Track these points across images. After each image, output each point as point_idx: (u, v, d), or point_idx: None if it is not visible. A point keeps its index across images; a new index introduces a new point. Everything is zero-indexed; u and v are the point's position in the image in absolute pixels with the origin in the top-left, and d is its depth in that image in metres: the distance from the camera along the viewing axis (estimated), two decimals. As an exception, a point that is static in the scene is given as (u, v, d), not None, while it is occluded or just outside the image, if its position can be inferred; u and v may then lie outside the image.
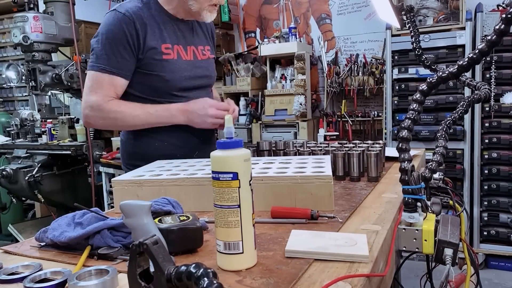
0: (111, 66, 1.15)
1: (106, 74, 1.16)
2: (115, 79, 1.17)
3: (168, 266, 0.46)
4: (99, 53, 1.16)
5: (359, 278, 0.55)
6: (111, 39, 1.15)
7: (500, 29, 0.61)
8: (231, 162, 0.58)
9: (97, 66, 1.16)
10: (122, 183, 0.92)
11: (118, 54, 1.15)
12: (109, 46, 1.15)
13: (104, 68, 1.15)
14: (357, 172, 1.10)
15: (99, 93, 1.16)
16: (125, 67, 1.17)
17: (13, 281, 0.58)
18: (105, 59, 1.15)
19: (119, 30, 1.15)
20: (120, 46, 1.15)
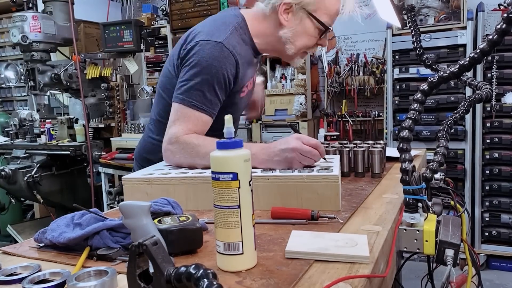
0: (203, 103, 1.04)
1: (196, 111, 1.05)
2: (204, 117, 1.06)
3: (168, 267, 0.46)
4: (193, 87, 1.04)
5: (360, 279, 0.55)
6: (212, 75, 1.04)
7: (502, 28, 0.61)
8: (231, 162, 0.57)
9: (189, 101, 1.04)
10: (132, 181, 0.94)
11: (214, 93, 1.05)
12: (206, 82, 1.04)
13: (196, 105, 1.04)
14: (362, 168, 1.16)
15: (183, 125, 1.04)
16: (215, 105, 1.07)
17: (12, 282, 0.58)
18: (199, 96, 1.04)
19: (222, 68, 1.04)
20: (218, 85, 1.05)
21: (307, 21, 1.07)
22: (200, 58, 1.03)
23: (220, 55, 1.03)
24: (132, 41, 2.80)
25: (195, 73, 1.04)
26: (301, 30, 1.08)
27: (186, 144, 1.02)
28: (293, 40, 1.09)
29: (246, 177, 0.58)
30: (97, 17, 3.69)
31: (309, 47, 1.13)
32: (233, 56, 1.05)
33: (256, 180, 0.85)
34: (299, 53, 1.13)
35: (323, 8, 1.07)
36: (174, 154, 1.04)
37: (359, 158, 1.15)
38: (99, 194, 2.94)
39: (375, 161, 1.14)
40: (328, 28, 1.10)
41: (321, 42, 1.14)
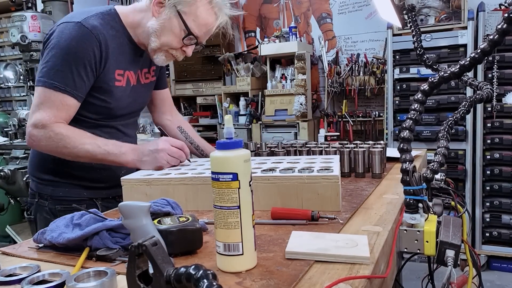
0: (66, 84, 1.02)
1: (59, 93, 1.02)
2: (68, 99, 1.03)
3: (167, 268, 0.46)
4: (54, 68, 1.02)
5: (360, 279, 0.55)
6: (72, 55, 1.02)
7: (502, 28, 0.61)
8: (231, 162, 0.57)
9: (50, 83, 1.02)
10: (131, 181, 0.94)
11: (77, 73, 1.03)
12: (67, 63, 1.02)
13: (58, 86, 1.02)
14: (362, 169, 1.16)
15: (48, 111, 1.02)
16: (81, 88, 1.04)
17: (11, 282, 0.58)
18: (61, 76, 1.02)
19: (82, 48, 1.02)
20: (80, 65, 1.02)
21: (175, 20, 1.08)
22: (59, 39, 1.03)
23: (79, 34, 1.02)
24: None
25: (54, 55, 1.03)
26: (168, 26, 1.08)
27: (54, 133, 1.01)
28: (159, 34, 1.09)
29: (246, 178, 0.58)
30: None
31: (172, 47, 1.12)
32: (94, 35, 1.04)
33: (256, 181, 0.85)
34: (162, 50, 1.12)
35: (193, 14, 1.07)
36: (40, 141, 1.03)
37: (359, 159, 1.15)
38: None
39: (375, 162, 1.14)
40: (191, 34, 1.08)
41: (186, 49, 1.13)
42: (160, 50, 1.12)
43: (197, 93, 3.87)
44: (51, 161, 1.13)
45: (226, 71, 3.63)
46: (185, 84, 3.90)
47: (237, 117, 3.42)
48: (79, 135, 1.04)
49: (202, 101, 3.87)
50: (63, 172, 1.13)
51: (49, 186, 1.16)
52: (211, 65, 3.72)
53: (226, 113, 3.46)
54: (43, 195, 1.16)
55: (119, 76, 1.13)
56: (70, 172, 1.13)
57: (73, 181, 1.14)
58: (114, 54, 1.10)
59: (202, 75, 3.81)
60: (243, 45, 3.84)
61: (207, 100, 3.85)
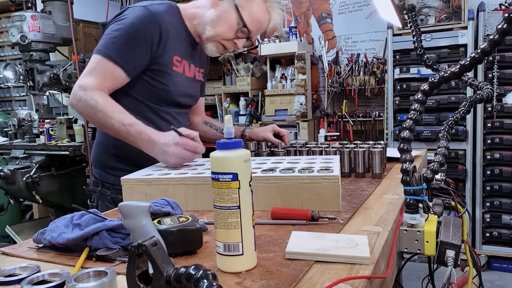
0: (119, 56, 1.09)
1: (111, 63, 1.09)
2: (117, 71, 1.10)
3: (167, 268, 0.46)
4: (113, 41, 1.09)
5: (360, 280, 0.55)
6: (132, 35, 1.09)
7: (503, 28, 0.61)
8: (231, 162, 0.57)
9: (105, 52, 1.09)
10: (131, 181, 0.94)
11: (132, 51, 1.10)
12: (126, 40, 1.09)
13: (111, 56, 1.09)
14: (362, 169, 1.16)
15: (96, 77, 1.08)
16: (134, 64, 1.11)
17: (10, 283, 0.58)
18: (117, 49, 1.09)
19: (144, 28, 1.10)
20: (137, 45, 1.10)
21: (231, 12, 1.15)
22: (124, 19, 1.11)
23: (143, 15, 1.11)
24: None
25: (117, 30, 1.10)
26: (224, 17, 1.16)
27: (92, 98, 1.06)
28: (215, 23, 1.17)
29: (246, 178, 0.58)
30: (96, 16, 3.69)
31: (225, 37, 1.18)
32: (156, 18, 1.11)
33: (256, 181, 0.85)
34: (215, 40, 1.19)
35: (249, 10, 1.15)
36: (79, 101, 1.09)
37: (359, 159, 1.15)
38: (99, 194, 2.93)
39: (375, 162, 1.13)
40: (245, 26, 1.16)
41: (237, 41, 1.20)
42: (213, 39, 1.19)
43: (197, 93, 3.87)
44: (113, 147, 1.19)
45: (226, 71, 3.63)
46: (185, 84, 3.89)
47: (237, 117, 3.42)
48: (112, 107, 1.07)
49: (202, 101, 3.87)
50: (125, 160, 1.17)
51: (112, 175, 1.20)
52: (211, 65, 3.69)
53: (226, 113, 3.46)
54: (105, 184, 1.23)
55: (177, 62, 1.20)
56: (131, 159, 1.15)
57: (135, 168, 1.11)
58: (174, 40, 1.17)
59: (202, 75, 3.80)
60: (243, 45, 3.83)
61: (207, 100, 3.84)
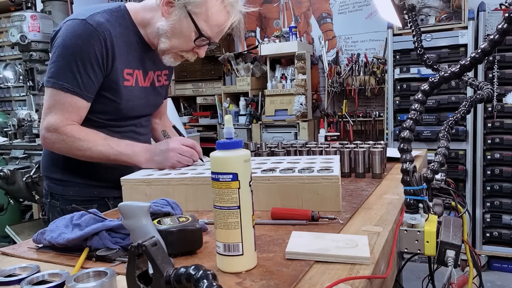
0: (75, 85, 1.01)
1: (68, 94, 1.01)
2: (78, 101, 1.03)
3: (167, 268, 0.46)
4: (62, 69, 1.01)
5: (360, 280, 0.55)
6: (78, 55, 1.00)
7: (503, 28, 0.60)
8: (231, 162, 0.57)
9: (59, 84, 1.01)
10: (131, 182, 0.93)
11: (84, 73, 1.01)
12: (74, 63, 1.00)
13: (66, 87, 1.01)
14: (362, 169, 1.15)
15: (59, 114, 1.02)
16: (90, 88, 1.03)
17: (10, 283, 0.58)
18: (69, 77, 1.01)
19: (88, 46, 1.00)
20: (87, 65, 1.01)
21: (185, 21, 1.03)
22: (64, 38, 1.01)
23: (84, 32, 1.00)
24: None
25: (60, 54, 1.01)
26: (178, 28, 1.04)
27: (67, 136, 1.02)
28: (169, 35, 1.06)
29: (246, 178, 0.58)
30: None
31: (183, 49, 1.08)
32: (98, 33, 1.01)
33: (256, 181, 0.85)
34: (172, 52, 1.09)
35: (204, 15, 1.02)
36: (53, 144, 1.04)
37: (359, 159, 1.15)
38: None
39: (375, 162, 1.13)
40: (202, 35, 1.04)
41: (198, 50, 1.09)
42: (169, 51, 1.09)
43: (197, 93, 3.87)
44: (61, 160, 1.13)
45: (226, 71, 3.63)
46: (185, 84, 3.90)
47: (237, 117, 3.42)
48: (92, 136, 1.04)
49: (202, 101, 3.87)
50: (72, 171, 1.13)
51: (60, 186, 1.15)
52: (211, 65, 3.72)
53: (226, 113, 3.46)
54: (54, 195, 1.16)
55: (128, 75, 1.11)
56: (79, 171, 1.12)
57: (83, 180, 1.14)
58: (123, 52, 1.07)
59: (202, 75, 3.81)
60: (243, 45, 3.84)
61: (207, 100, 3.85)
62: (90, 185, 1.14)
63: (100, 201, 1.14)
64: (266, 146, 1.33)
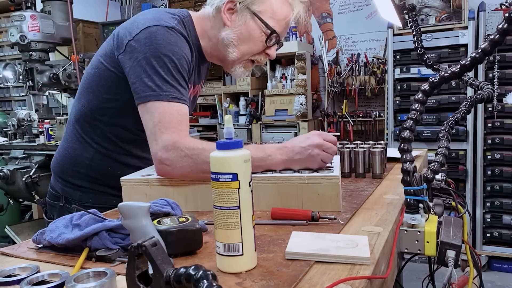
0: (182, 93, 0.94)
1: (174, 103, 0.92)
2: (183, 109, 0.93)
3: (167, 268, 0.46)
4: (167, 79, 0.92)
5: (360, 280, 0.55)
6: (177, 62, 0.93)
7: (503, 28, 0.60)
8: (231, 162, 0.57)
9: (166, 95, 0.91)
10: (131, 182, 0.93)
11: (183, 79, 0.95)
12: (176, 70, 0.93)
13: (175, 97, 0.92)
14: (363, 169, 1.15)
15: (172, 128, 0.90)
16: (186, 95, 0.96)
17: (10, 283, 0.58)
18: (171, 86, 0.92)
19: (184, 53, 0.95)
20: (184, 72, 0.95)
21: (251, 22, 0.98)
22: (157, 46, 0.92)
23: (177, 40, 0.94)
24: (131, 41, 2.79)
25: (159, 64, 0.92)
26: (245, 32, 0.98)
27: (189, 149, 0.88)
28: (237, 43, 0.99)
29: (246, 178, 0.58)
30: (96, 16, 3.69)
31: (254, 53, 1.02)
32: (187, 42, 0.97)
33: (256, 181, 0.85)
34: (242, 60, 1.02)
35: (270, 11, 0.97)
36: (176, 164, 0.88)
37: (359, 159, 1.15)
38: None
39: (375, 162, 1.13)
40: (274, 32, 0.98)
41: (269, 51, 1.03)
42: (240, 60, 1.02)
43: (197, 93, 3.87)
44: (85, 167, 1.06)
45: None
46: (185, 84, 3.90)
47: (237, 117, 3.42)
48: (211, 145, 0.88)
49: (202, 101, 3.87)
50: (96, 178, 1.07)
51: (78, 191, 1.09)
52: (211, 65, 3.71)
53: (226, 113, 3.46)
54: (69, 200, 1.09)
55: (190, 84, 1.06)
56: (102, 180, 1.07)
57: (105, 188, 1.07)
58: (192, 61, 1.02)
59: (202, 75, 3.80)
60: (243, 45, 3.83)
61: (207, 100, 3.85)
62: (110, 194, 1.06)
63: None
64: None
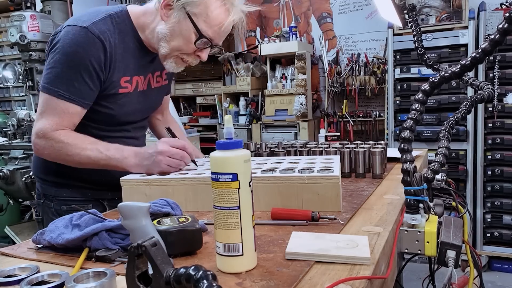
0: (70, 92, 0.99)
1: (63, 101, 0.99)
2: (72, 107, 1.00)
3: (167, 269, 0.46)
4: (58, 75, 0.99)
5: (361, 280, 0.55)
6: (77, 62, 0.98)
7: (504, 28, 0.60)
8: (230, 163, 0.57)
9: (54, 91, 0.99)
10: (130, 182, 0.93)
11: (82, 80, 0.99)
12: (72, 70, 0.99)
13: (62, 94, 0.99)
14: (363, 169, 1.15)
15: (49, 120, 1.00)
16: (87, 95, 1.02)
17: (10, 283, 0.58)
18: (65, 84, 0.99)
19: (87, 54, 0.98)
20: (85, 72, 0.99)
21: (184, 22, 1.01)
22: (64, 44, 0.99)
23: (85, 40, 0.98)
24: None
25: (59, 61, 0.99)
26: (177, 30, 1.02)
27: (55, 141, 1.00)
28: (168, 39, 1.03)
29: (246, 178, 0.58)
30: (97, 16, 3.68)
31: (184, 52, 1.05)
32: (100, 42, 0.99)
33: (256, 181, 0.85)
34: (173, 56, 1.06)
35: (204, 15, 1.00)
36: (43, 150, 1.02)
37: (360, 159, 1.15)
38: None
39: (376, 162, 1.13)
40: (203, 37, 1.01)
41: (200, 53, 1.06)
42: (170, 56, 1.06)
43: (197, 93, 3.87)
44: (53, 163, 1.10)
45: (226, 71, 3.63)
46: (185, 84, 3.90)
47: (237, 117, 3.42)
48: (80, 141, 1.01)
49: (202, 101, 3.87)
50: (65, 173, 1.12)
51: (53, 187, 1.15)
52: (211, 65, 3.72)
53: (226, 113, 3.46)
54: (48, 196, 1.15)
55: (126, 83, 1.09)
56: (72, 174, 1.10)
57: (76, 182, 1.13)
58: (122, 60, 1.06)
59: (202, 75, 3.80)
60: (243, 45, 3.84)
61: (207, 100, 3.85)
62: (83, 187, 1.13)
63: (95, 202, 1.13)
64: (266, 146, 1.33)
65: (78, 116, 1.04)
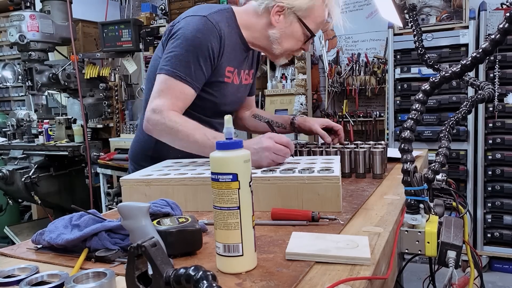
0: (187, 74, 1.08)
1: (180, 82, 1.08)
2: (187, 89, 1.09)
3: (167, 269, 0.46)
4: (178, 58, 1.08)
5: (361, 281, 0.55)
6: (196, 47, 1.08)
7: (504, 28, 0.60)
8: (230, 163, 0.57)
9: (173, 72, 1.07)
10: (130, 182, 0.93)
11: (197, 64, 1.09)
12: (190, 54, 1.08)
13: (180, 75, 1.07)
14: (363, 169, 1.15)
15: (167, 99, 1.07)
16: (199, 79, 1.11)
17: (9, 284, 0.58)
18: (183, 66, 1.08)
19: (206, 40, 1.08)
20: (202, 57, 1.09)
21: (296, 25, 1.14)
22: (184, 31, 1.09)
23: (204, 27, 1.08)
24: (130, 41, 2.80)
25: (179, 45, 1.08)
26: (289, 33, 1.15)
27: (169, 120, 1.05)
28: (281, 41, 1.16)
29: (246, 178, 0.57)
30: (96, 16, 3.69)
31: (293, 50, 1.20)
32: (217, 30, 1.10)
33: (256, 181, 0.84)
34: (284, 54, 1.21)
35: (312, 16, 1.14)
36: (156, 125, 1.07)
37: (360, 159, 1.15)
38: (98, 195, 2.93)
39: (376, 162, 1.13)
40: (313, 35, 1.17)
41: (304, 46, 1.21)
42: (283, 54, 1.21)
43: (197, 93, 3.86)
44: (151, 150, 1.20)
45: (227, 71, 3.63)
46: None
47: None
48: (191, 124, 1.06)
49: (202, 101, 3.86)
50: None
51: None
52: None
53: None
54: None
55: (229, 73, 1.19)
56: None
57: None
58: (229, 51, 1.15)
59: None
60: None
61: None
62: None
63: None
64: None
65: (191, 99, 1.11)
